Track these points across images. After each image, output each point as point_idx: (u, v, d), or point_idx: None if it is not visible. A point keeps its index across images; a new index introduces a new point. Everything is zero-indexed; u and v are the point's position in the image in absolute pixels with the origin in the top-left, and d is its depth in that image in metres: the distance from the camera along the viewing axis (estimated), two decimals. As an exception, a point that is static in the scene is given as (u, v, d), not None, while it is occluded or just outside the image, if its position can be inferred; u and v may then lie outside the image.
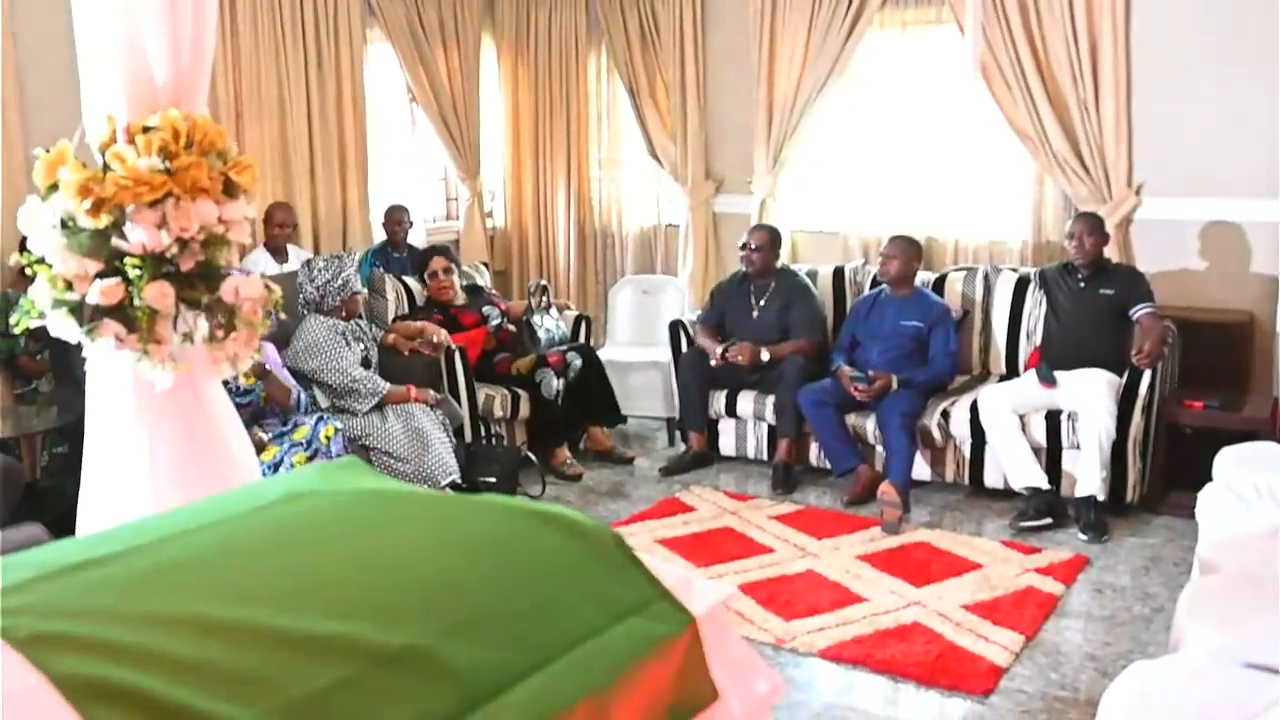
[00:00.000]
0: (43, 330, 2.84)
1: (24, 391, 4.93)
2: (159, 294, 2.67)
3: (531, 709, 1.46)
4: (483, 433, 5.52)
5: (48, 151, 2.72)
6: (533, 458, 5.42)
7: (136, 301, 2.67)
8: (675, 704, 1.60)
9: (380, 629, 1.49)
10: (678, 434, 5.97)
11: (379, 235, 6.74)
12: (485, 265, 6.78)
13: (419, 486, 4.81)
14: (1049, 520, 4.68)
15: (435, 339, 5.39)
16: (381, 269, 6.18)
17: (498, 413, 5.57)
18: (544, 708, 1.48)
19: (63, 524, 3.12)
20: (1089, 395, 4.72)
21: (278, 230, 5.89)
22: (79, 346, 2.82)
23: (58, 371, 4.78)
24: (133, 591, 1.57)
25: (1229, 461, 3.56)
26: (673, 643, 1.61)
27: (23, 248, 2.82)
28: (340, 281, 5.12)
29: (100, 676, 1.32)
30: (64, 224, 2.70)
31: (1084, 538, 4.56)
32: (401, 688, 1.41)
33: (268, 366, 4.63)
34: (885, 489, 4.81)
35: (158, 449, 2.84)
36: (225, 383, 4.44)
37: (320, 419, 4.69)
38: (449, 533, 1.78)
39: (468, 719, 1.39)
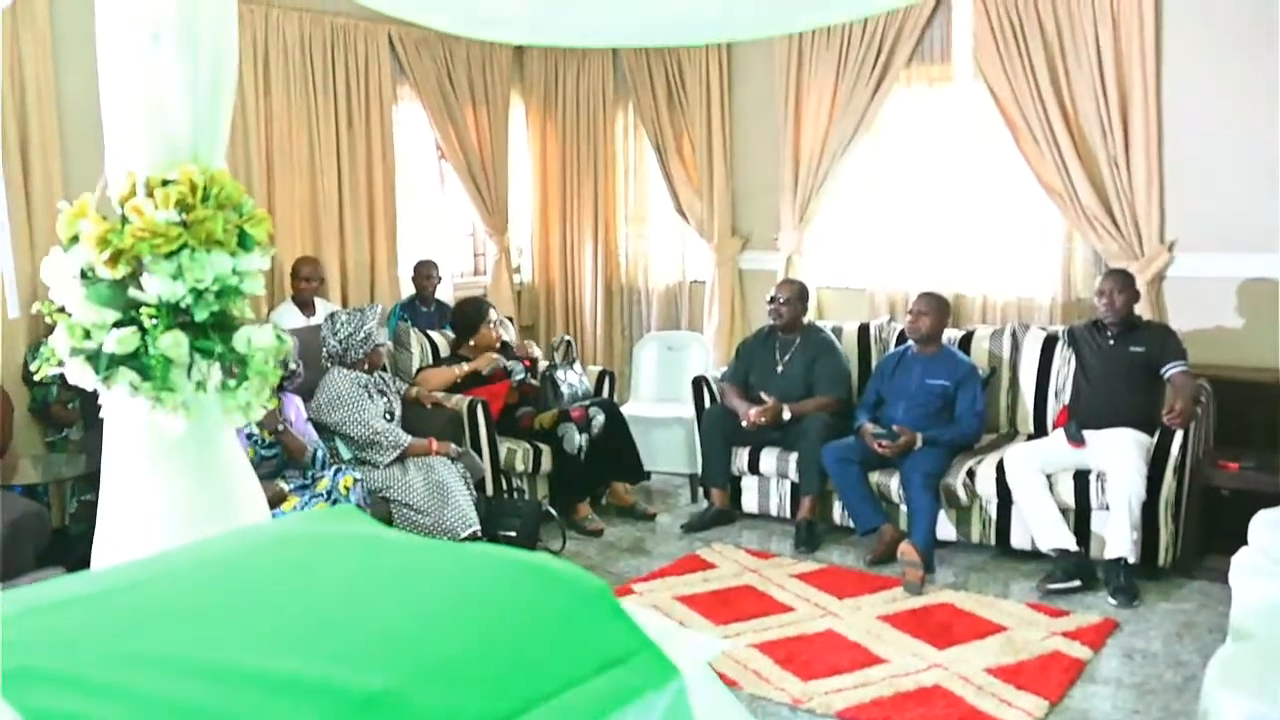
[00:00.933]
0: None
1: (55, 440, 5.00)
2: (173, 343, 2.73)
3: (505, 758, 1.40)
4: (504, 486, 5.49)
5: (71, 205, 2.81)
6: (554, 512, 5.39)
7: (151, 350, 2.73)
8: (655, 758, 1.54)
9: (354, 672, 1.47)
10: (700, 490, 5.91)
11: (407, 290, 6.77)
12: (510, 320, 6.77)
13: (423, 537, 4.81)
14: (1077, 583, 4.55)
15: (485, 370, 5.49)
16: (409, 322, 6.21)
17: (519, 467, 5.54)
18: None
19: (89, 569, 3.15)
20: (1119, 455, 4.61)
21: (304, 285, 5.92)
22: None
23: (87, 420, 4.83)
24: (112, 629, 1.58)
25: (1265, 525, 3.45)
26: (655, 697, 1.55)
27: None
28: (362, 334, 5.13)
29: (70, 711, 1.33)
30: (84, 274, 2.78)
31: (1114, 601, 4.43)
32: None
33: (284, 424, 4.65)
34: (905, 549, 4.70)
35: (171, 495, 2.88)
36: (250, 435, 4.53)
37: (339, 470, 4.69)
38: (430, 579, 1.75)
39: (436, 766, 1.34)
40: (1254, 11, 5.15)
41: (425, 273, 6.59)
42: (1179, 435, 4.59)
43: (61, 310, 2.80)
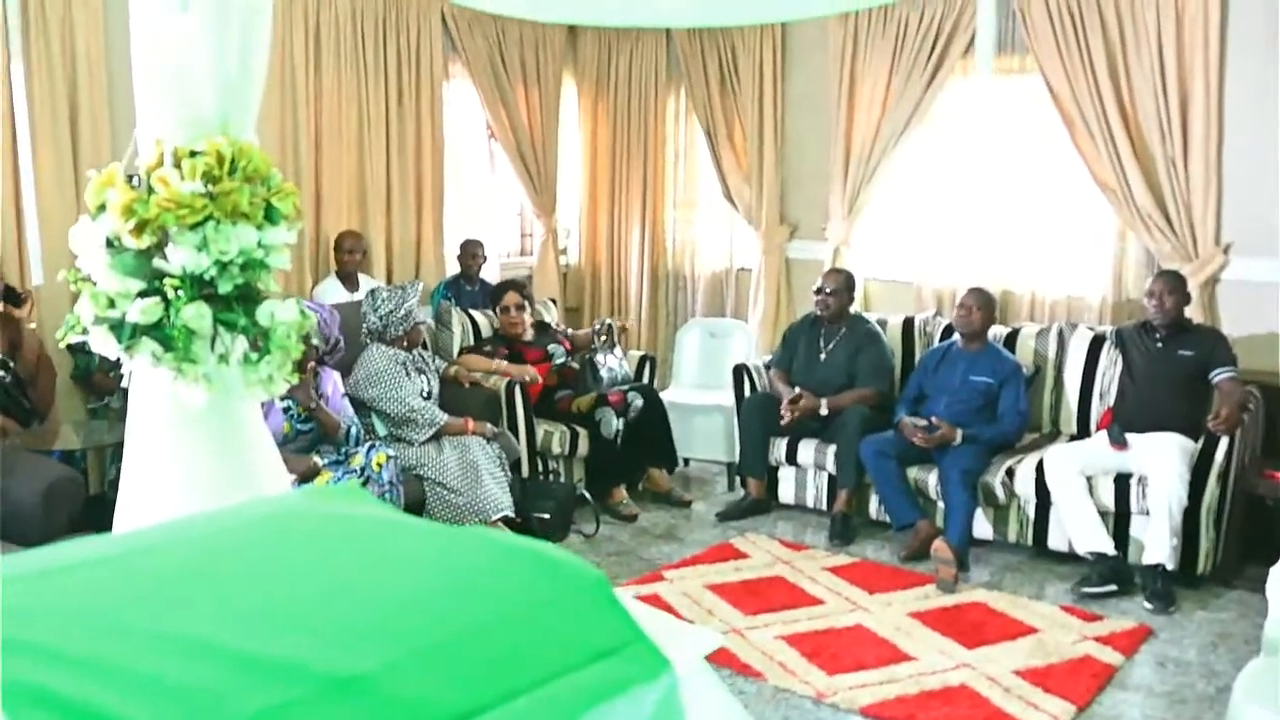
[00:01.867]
0: None
1: (96, 407, 5.05)
2: (196, 315, 2.73)
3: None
4: (540, 468, 5.50)
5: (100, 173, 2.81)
6: (588, 496, 5.39)
7: (174, 321, 2.72)
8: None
9: (332, 656, 1.45)
10: (737, 479, 5.90)
11: (452, 268, 6.78)
12: (554, 301, 6.77)
13: (451, 518, 4.84)
14: (1113, 587, 4.48)
15: (527, 379, 5.46)
16: (451, 301, 6.22)
17: (556, 449, 5.55)
18: None
19: None
20: (1161, 459, 4.53)
21: (347, 257, 5.94)
22: None
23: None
24: (94, 600, 1.56)
25: (1304, 535, 3.38)
26: (645, 690, 1.54)
27: None
28: (403, 312, 5.16)
29: (37, 682, 1.32)
30: (110, 243, 2.77)
31: (1149, 607, 4.36)
32: (343, 715, 1.36)
33: (319, 400, 4.68)
34: (939, 546, 4.66)
35: (191, 467, 2.87)
36: (287, 410, 4.58)
37: (372, 447, 4.71)
38: (422, 563, 1.73)
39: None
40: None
41: (471, 251, 6.59)
42: (1224, 442, 4.51)
43: (87, 279, 2.81)
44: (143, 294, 2.75)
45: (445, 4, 6.54)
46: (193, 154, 2.76)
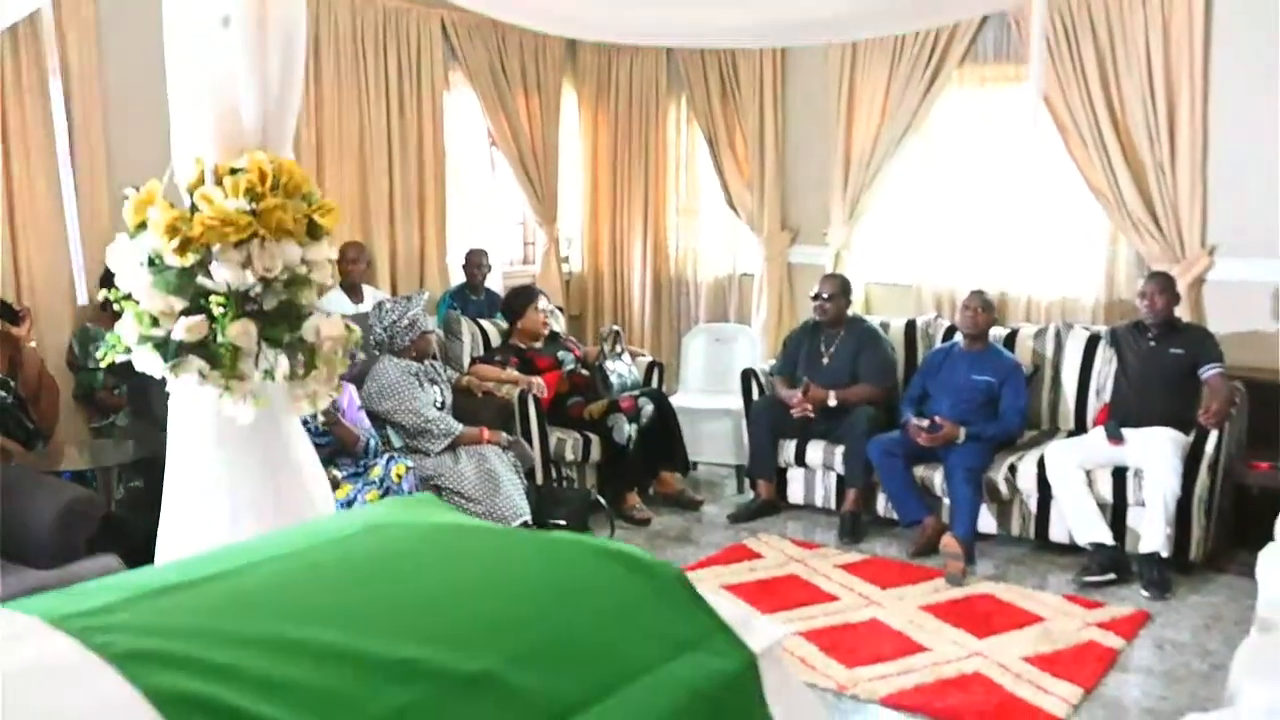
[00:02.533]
0: (122, 366, 2.91)
1: (101, 425, 4.99)
2: (242, 332, 2.76)
3: (592, 738, 1.53)
4: (554, 475, 5.59)
5: (137, 191, 2.81)
6: (602, 501, 5.46)
7: (220, 339, 2.75)
8: (732, 738, 1.70)
9: (453, 655, 1.57)
10: (746, 482, 6.05)
11: (456, 277, 6.82)
12: (560, 310, 6.87)
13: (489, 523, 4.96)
14: (1113, 576, 4.70)
15: (535, 391, 5.53)
16: (458, 310, 6.28)
17: (569, 456, 5.66)
18: None
19: (137, 556, 3.15)
20: (1155, 453, 4.75)
21: (350, 266, 5.89)
22: (158, 383, 2.88)
23: (134, 407, 4.84)
24: (220, 613, 1.65)
25: (1291, 523, 3.60)
26: (732, 678, 1.70)
27: (104, 283, 2.88)
28: (407, 321, 5.17)
29: (191, 691, 1.40)
30: (151, 262, 2.78)
31: (1146, 594, 4.58)
32: (472, 711, 1.49)
33: (338, 414, 4.66)
34: (948, 541, 4.87)
35: (237, 482, 2.91)
36: (305, 423, 4.64)
37: (391, 459, 4.74)
38: (519, 566, 1.86)
39: (531, 746, 1.48)
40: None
41: (476, 261, 6.62)
42: (1213, 435, 4.73)
43: (128, 297, 2.80)
44: (185, 312, 2.76)
45: (445, 13, 6.56)
46: (233, 171, 2.79)
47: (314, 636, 1.59)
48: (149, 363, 2.81)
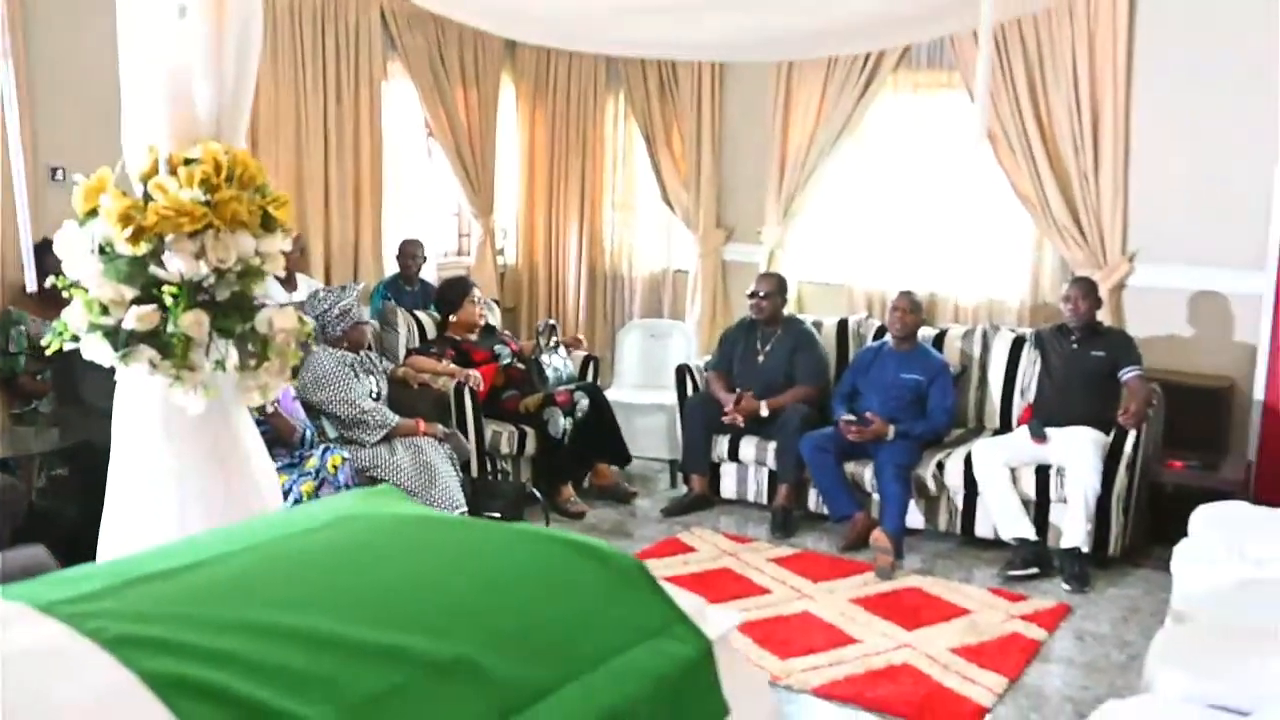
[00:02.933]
0: (44, 351, 2.88)
1: (23, 412, 4.81)
2: (194, 322, 2.75)
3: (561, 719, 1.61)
4: (489, 468, 5.59)
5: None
6: (537, 494, 5.43)
7: (171, 328, 2.74)
8: (691, 718, 1.78)
9: (431, 640, 1.64)
10: (680, 476, 6.11)
11: (391, 268, 6.77)
12: (496, 303, 6.85)
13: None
14: (1035, 570, 4.86)
15: (472, 384, 5.52)
16: (392, 301, 6.25)
17: (504, 449, 5.68)
18: (572, 718, 1.63)
19: (64, 548, 3.08)
20: (1077, 452, 4.91)
21: (285, 254, 5.85)
22: (85, 368, 2.84)
23: (60, 393, 4.68)
24: (205, 600, 1.71)
25: (1203, 520, 3.79)
26: (691, 664, 1.78)
27: (45, 270, 2.82)
28: (339, 311, 5.13)
29: (182, 674, 1.46)
30: (102, 250, 2.76)
31: (1067, 588, 4.75)
32: (449, 694, 1.57)
33: (274, 405, 4.57)
34: (878, 536, 4.99)
35: (185, 472, 2.90)
36: (246, 413, 4.60)
37: (327, 449, 4.69)
38: (489, 557, 1.94)
39: (504, 725, 1.55)
40: (1218, 48, 5.48)
41: (410, 252, 6.56)
42: (1132, 435, 4.90)
43: (76, 285, 2.77)
44: (137, 301, 2.74)
45: (385, 1, 6.52)
46: (188, 161, 2.78)
47: (296, 622, 1.64)
48: (99, 351, 2.78)
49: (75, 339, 2.80)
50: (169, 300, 2.72)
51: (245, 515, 2.76)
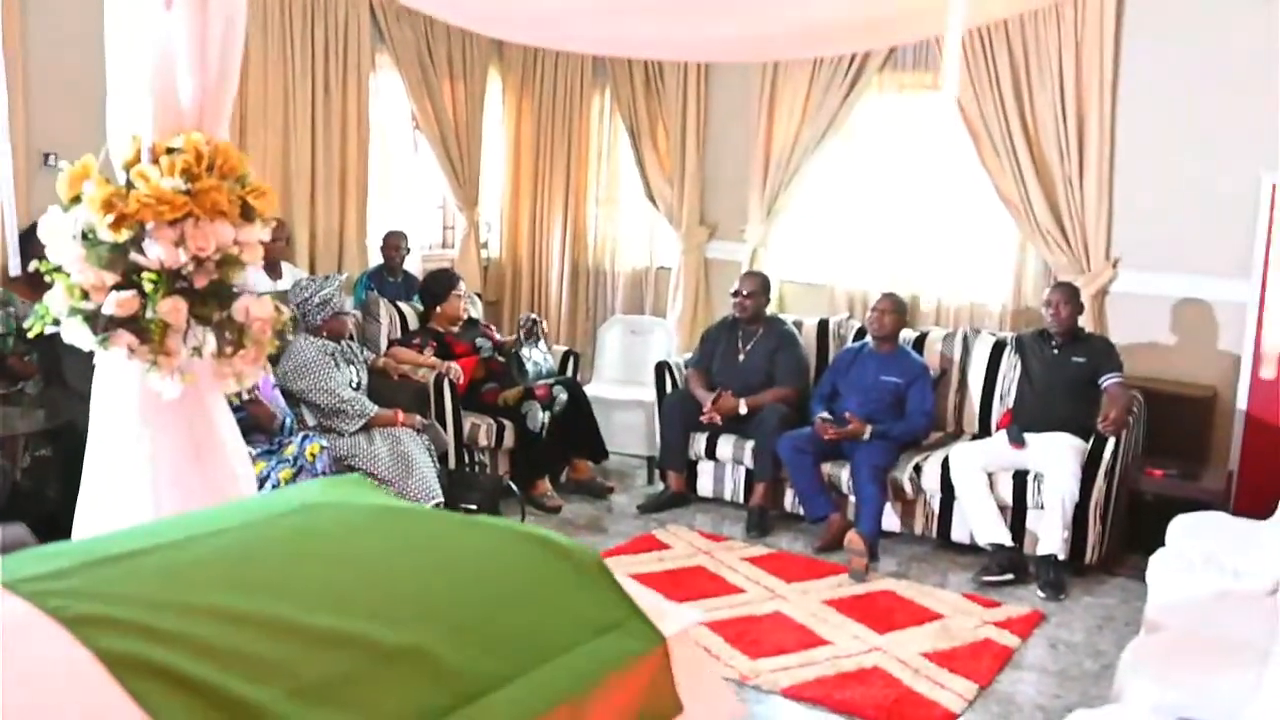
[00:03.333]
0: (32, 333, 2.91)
1: (9, 392, 4.80)
2: (172, 309, 2.77)
3: (513, 710, 1.61)
4: (466, 460, 5.61)
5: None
6: (514, 487, 5.43)
7: (150, 314, 2.76)
8: (643, 714, 1.75)
9: (385, 628, 1.65)
10: (657, 473, 6.10)
11: (375, 258, 6.77)
12: (478, 295, 6.86)
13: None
14: (1010, 576, 4.84)
15: (452, 377, 5.52)
16: (375, 292, 6.25)
17: (482, 441, 5.67)
18: (524, 710, 1.63)
19: (45, 526, 3.12)
20: (1055, 458, 4.89)
21: (270, 243, 5.85)
22: (71, 350, 2.88)
23: (46, 374, 4.71)
24: (166, 582, 1.74)
25: (1181, 529, 3.77)
26: (644, 659, 1.76)
27: (33, 254, 2.86)
28: (319, 300, 5.15)
29: (138, 654, 1.48)
30: (84, 236, 2.79)
31: (1042, 595, 4.73)
32: (399, 681, 1.57)
33: (254, 392, 4.61)
34: (852, 538, 4.96)
35: (160, 456, 2.92)
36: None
37: (305, 437, 4.71)
38: (449, 549, 1.93)
39: (456, 715, 1.54)
40: (1204, 54, 5.48)
41: (394, 243, 6.58)
42: (1111, 442, 4.88)
43: (58, 269, 2.80)
44: (118, 287, 2.77)
45: None
46: (170, 150, 2.80)
47: (253, 607, 1.68)
48: (78, 335, 2.81)
49: (56, 322, 2.84)
50: (148, 287, 2.76)
51: (219, 501, 2.79)
